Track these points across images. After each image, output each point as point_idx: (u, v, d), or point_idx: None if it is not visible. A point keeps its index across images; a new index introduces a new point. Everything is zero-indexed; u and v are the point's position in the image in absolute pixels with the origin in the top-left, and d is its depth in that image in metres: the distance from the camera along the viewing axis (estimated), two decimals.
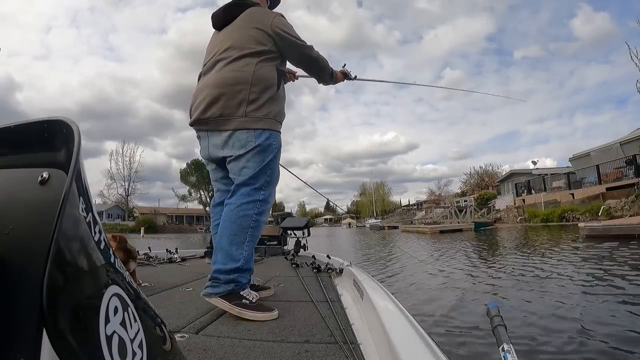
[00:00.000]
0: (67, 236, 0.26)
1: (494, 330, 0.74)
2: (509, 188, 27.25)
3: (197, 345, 0.89)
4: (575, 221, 14.53)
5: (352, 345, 0.87)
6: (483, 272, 5.18)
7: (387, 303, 1.07)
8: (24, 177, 0.29)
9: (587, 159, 20.25)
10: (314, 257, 2.62)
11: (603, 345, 2.16)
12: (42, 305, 0.23)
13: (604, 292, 3.44)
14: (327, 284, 1.73)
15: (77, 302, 0.26)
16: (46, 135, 0.31)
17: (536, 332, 2.44)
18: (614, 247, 6.46)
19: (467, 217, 22.01)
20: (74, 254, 0.27)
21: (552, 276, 4.36)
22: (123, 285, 0.33)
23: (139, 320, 0.33)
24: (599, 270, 4.52)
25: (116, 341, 0.29)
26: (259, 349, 0.87)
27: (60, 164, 0.29)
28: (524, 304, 3.22)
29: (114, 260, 0.33)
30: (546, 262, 5.51)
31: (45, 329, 0.23)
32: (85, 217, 0.29)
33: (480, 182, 37.91)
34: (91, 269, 0.29)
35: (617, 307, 2.87)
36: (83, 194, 0.29)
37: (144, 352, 0.32)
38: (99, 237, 0.31)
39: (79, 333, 0.25)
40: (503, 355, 0.66)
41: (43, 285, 0.23)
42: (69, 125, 0.30)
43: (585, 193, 16.89)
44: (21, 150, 0.32)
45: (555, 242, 8.79)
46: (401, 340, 0.72)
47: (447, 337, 2.48)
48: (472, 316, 2.94)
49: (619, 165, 16.57)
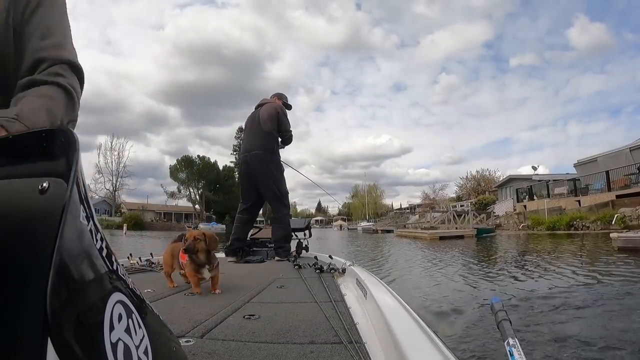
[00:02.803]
0: (69, 245, 0.26)
1: (498, 324, 0.74)
2: (508, 193, 27.00)
3: (202, 349, 0.89)
4: (584, 230, 14.12)
5: (357, 344, 0.87)
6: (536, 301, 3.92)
7: (391, 301, 1.07)
8: (23, 187, 0.29)
9: (594, 164, 19.82)
10: (316, 257, 2.62)
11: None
12: (46, 315, 0.23)
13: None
14: (330, 284, 1.73)
15: (81, 311, 0.26)
16: (45, 145, 0.31)
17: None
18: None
19: (466, 223, 21.01)
20: (77, 263, 0.27)
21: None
22: (126, 292, 0.33)
23: (144, 327, 0.33)
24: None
25: (121, 348, 0.29)
26: (264, 351, 0.87)
27: (59, 173, 0.29)
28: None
29: (116, 267, 0.33)
30: (600, 284, 4.66)
31: (50, 339, 0.23)
32: (87, 225, 0.29)
33: (476, 186, 37.81)
34: (94, 277, 0.29)
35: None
36: (83, 202, 0.29)
37: (149, 358, 0.32)
38: (101, 245, 0.31)
39: (84, 341, 0.25)
40: (508, 349, 0.66)
41: (46, 295, 0.23)
42: (67, 134, 0.30)
43: (593, 200, 16.31)
44: (20, 160, 0.32)
45: (586, 255, 7.84)
46: (407, 338, 0.72)
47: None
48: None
49: (629, 172, 16.12)
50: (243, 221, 3.34)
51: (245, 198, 3.37)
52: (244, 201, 3.38)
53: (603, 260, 6.74)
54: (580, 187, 18.68)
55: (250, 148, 3.26)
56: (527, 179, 25.81)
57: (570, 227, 15.06)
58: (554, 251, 9.13)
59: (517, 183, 26.19)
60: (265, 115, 3.28)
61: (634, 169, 15.98)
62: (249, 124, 3.40)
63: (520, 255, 8.86)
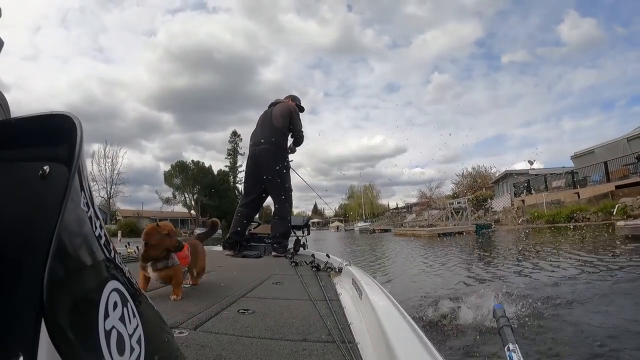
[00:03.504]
0: (68, 230, 0.26)
1: (499, 330, 0.74)
2: (504, 189, 26.80)
3: (195, 341, 0.89)
4: (585, 222, 13.95)
5: (349, 344, 0.87)
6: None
7: (386, 303, 1.07)
8: (24, 171, 0.29)
9: (591, 156, 19.63)
10: (313, 255, 2.62)
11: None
12: (42, 298, 0.23)
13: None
14: (326, 283, 1.74)
15: (77, 296, 0.26)
16: (48, 130, 0.31)
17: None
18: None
19: (464, 219, 21.24)
20: (75, 248, 0.27)
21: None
22: (123, 281, 0.33)
23: (138, 316, 0.33)
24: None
25: (115, 336, 0.29)
26: (257, 346, 0.87)
27: (61, 158, 0.29)
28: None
29: (114, 255, 0.33)
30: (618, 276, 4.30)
31: (45, 322, 0.23)
32: (87, 212, 0.29)
33: (473, 183, 37.71)
34: (92, 263, 0.29)
35: None
36: (84, 188, 0.29)
37: (142, 347, 0.32)
38: (100, 233, 0.31)
39: (77, 327, 0.25)
40: (508, 354, 0.66)
41: (44, 278, 0.23)
42: (71, 119, 0.30)
43: (592, 192, 16.21)
44: (22, 144, 0.32)
45: (593, 245, 7.47)
46: (398, 340, 0.73)
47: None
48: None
49: (627, 162, 15.96)
50: (243, 215, 3.34)
51: (249, 191, 3.38)
52: (247, 194, 3.39)
53: (612, 249, 6.50)
54: (578, 179, 18.57)
55: (259, 141, 3.29)
56: (523, 174, 25.55)
57: (570, 220, 14.81)
58: (560, 243, 8.82)
59: (514, 178, 25.88)
60: (278, 113, 3.33)
61: (632, 159, 15.80)
62: (261, 120, 3.43)
63: (526, 249, 8.50)
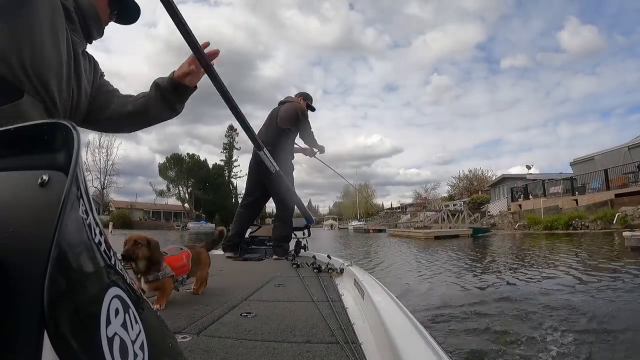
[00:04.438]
0: (68, 238, 0.26)
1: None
2: (501, 193, 26.81)
3: (198, 346, 0.89)
4: (584, 229, 13.80)
5: (353, 345, 0.87)
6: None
7: (388, 302, 1.07)
8: (23, 180, 0.29)
9: (591, 163, 19.66)
10: (314, 257, 2.62)
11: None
12: (43, 307, 0.23)
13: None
14: (328, 284, 1.73)
15: (78, 304, 0.26)
16: (45, 138, 0.31)
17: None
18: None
19: (460, 222, 20.79)
20: (75, 256, 0.27)
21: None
22: (124, 287, 0.33)
23: (140, 322, 0.33)
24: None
25: (117, 343, 0.29)
26: (260, 350, 0.87)
27: (59, 166, 0.29)
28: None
29: (114, 261, 0.33)
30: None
31: (46, 331, 0.23)
32: (86, 218, 0.29)
33: (469, 185, 37.70)
34: (92, 270, 0.29)
35: None
36: (83, 195, 0.29)
37: (145, 353, 0.32)
38: (100, 239, 0.31)
39: (80, 335, 0.25)
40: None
41: (44, 288, 0.23)
42: (68, 127, 0.30)
43: (591, 199, 16.08)
44: (20, 152, 0.32)
45: (598, 256, 7.16)
46: (403, 339, 0.72)
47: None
48: None
49: (627, 171, 15.94)
50: (244, 217, 3.32)
51: (250, 191, 3.35)
52: (248, 195, 3.35)
53: (621, 262, 6.21)
54: (577, 186, 18.50)
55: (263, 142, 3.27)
56: (521, 178, 25.58)
57: (569, 227, 14.64)
58: (562, 252, 8.51)
59: (511, 182, 25.97)
60: (284, 113, 3.27)
61: (633, 168, 15.76)
62: (267, 119, 3.38)
63: (527, 257, 8.35)
